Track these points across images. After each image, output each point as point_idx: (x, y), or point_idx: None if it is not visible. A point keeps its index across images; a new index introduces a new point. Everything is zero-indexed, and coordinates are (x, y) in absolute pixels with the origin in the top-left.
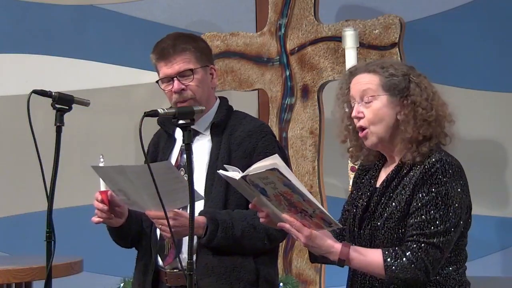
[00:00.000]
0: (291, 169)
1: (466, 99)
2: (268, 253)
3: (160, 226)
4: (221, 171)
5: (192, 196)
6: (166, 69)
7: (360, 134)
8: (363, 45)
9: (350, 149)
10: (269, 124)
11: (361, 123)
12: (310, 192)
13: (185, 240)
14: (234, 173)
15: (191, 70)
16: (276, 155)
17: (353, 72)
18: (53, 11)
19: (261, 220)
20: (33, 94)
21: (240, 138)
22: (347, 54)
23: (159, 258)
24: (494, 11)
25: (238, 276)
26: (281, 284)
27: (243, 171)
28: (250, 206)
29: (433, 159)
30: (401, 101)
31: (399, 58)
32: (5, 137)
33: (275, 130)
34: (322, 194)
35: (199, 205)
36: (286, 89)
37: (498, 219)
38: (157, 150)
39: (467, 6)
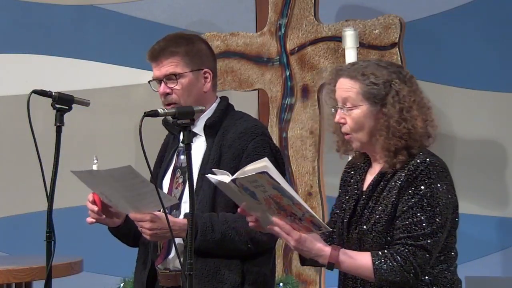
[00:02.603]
0: (290, 169)
1: (466, 99)
2: (261, 253)
3: (141, 228)
4: (209, 175)
5: (192, 197)
6: (155, 71)
7: (345, 137)
8: (363, 45)
9: (338, 142)
10: (269, 124)
11: (343, 129)
12: (310, 192)
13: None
14: (223, 177)
15: (176, 75)
16: (266, 158)
17: (339, 73)
18: (53, 11)
19: (250, 224)
20: (33, 94)
21: (231, 139)
22: (347, 54)
23: None
24: (494, 11)
25: (221, 279)
26: (281, 284)
27: (232, 174)
28: (238, 210)
29: (417, 161)
30: (381, 110)
31: (399, 58)
32: (5, 137)
33: (275, 130)
34: (322, 194)
35: (185, 206)
36: (286, 89)
37: (498, 219)
38: (166, 151)
39: (467, 6)
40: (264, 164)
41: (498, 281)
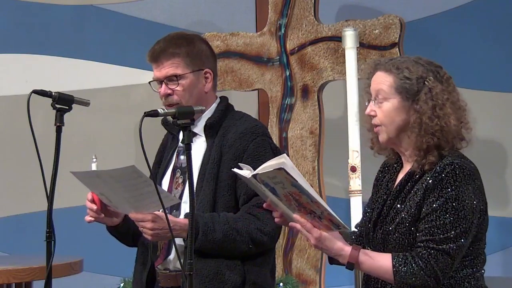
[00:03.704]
0: None
1: (467, 99)
2: (261, 254)
3: (141, 228)
4: (235, 169)
5: (192, 198)
6: (156, 72)
7: (374, 129)
8: (363, 45)
9: (373, 139)
10: (269, 124)
11: (374, 121)
12: None
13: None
14: (245, 172)
15: (177, 76)
16: (285, 154)
17: (376, 67)
18: (53, 11)
19: (276, 220)
20: (33, 94)
21: (232, 140)
22: (347, 54)
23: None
24: (494, 11)
25: (222, 279)
26: (281, 284)
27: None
28: (264, 205)
29: (444, 163)
30: (412, 106)
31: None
32: (5, 137)
33: (275, 130)
34: (322, 194)
35: (186, 206)
36: (286, 89)
37: (498, 219)
38: (164, 151)
39: (467, 6)
40: (282, 160)
41: (498, 281)
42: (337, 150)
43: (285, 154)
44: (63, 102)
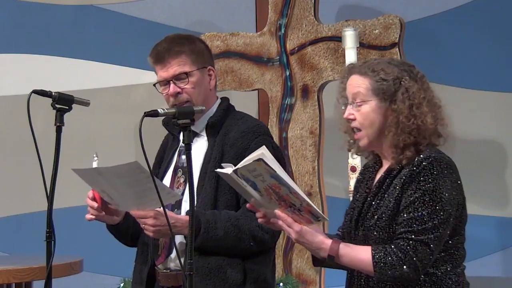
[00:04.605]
0: (290, 169)
1: (466, 99)
2: (262, 252)
3: (143, 225)
4: (218, 170)
5: (192, 196)
6: (162, 73)
7: (355, 136)
8: (363, 45)
9: (349, 141)
10: (269, 124)
11: (353, 124)
12: (310, 192)
13: (177, 241)
14: (227, 169)
15: (186, 73)
16: (264, 146)
17: (351, 70)
18: (53, 11)
19: (259, 220)
20: (33, 94)
21: (234, 139)
22: (347, 54)
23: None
24: (494, 11)
25: (224, 277)
26: (281, 284)
27: None
28: (247, 206)
29: (422, 157)
30: (390, 106)
31: (399, 58)
32: (5, 137)
33: (275, 130)
34: (322, 194)
35: (187, 205)
36: (286, 89)
37: (498, 219)
38: (165, 152)
39: (467, 6)
40: (261, 151)
41: (498, 281)
42: (337, 150)
43: (264, 146)
44: (63, 102)
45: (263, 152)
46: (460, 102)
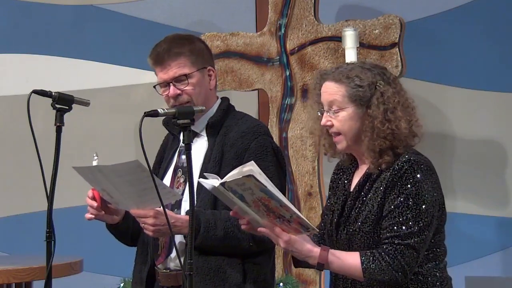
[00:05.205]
0: (290, 169)
1: (466, 99)
2: (262, 253)
3: (143, 224)
4: (201, 180)
5: (192, 196)
6: (162, 75)
7: (334, 139)
8: (363, 45)
9: (324, 145)
10: (269, 124)
11: (332, 130)
12: (310, 192)
13: (176, 240)
14: (213, 181)
15: (186, 75)
16: (252, 161)
17: (323, 77)
18: (53, 11)
19: (243, 227)
20: (33, 94)
21: (234, 139)
22: (347, 54)
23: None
24: (494, 11)
25: (223, 277)
26: (281, 284)
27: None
28: (231, 213)
29: (402, 160)
30: (366, 111)
31: (399, 58)
32: (5, 137)
33: (275, 130)
34: (322, 194)
35: (187, 205)
36: (286, 89)
37: (498, 219)
38: (165, 152)
39: (467, 6)
40: (250, 168)
41: (498, 281)
42: None
43: (252, 161)
44: (63, 102)
45: (252, 168)
46: (460, 102)
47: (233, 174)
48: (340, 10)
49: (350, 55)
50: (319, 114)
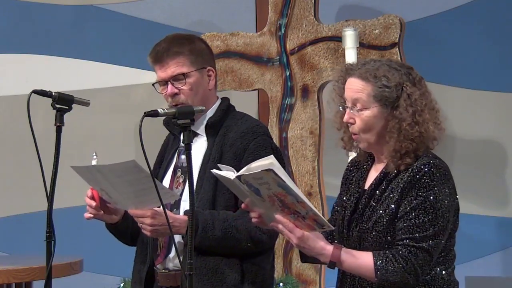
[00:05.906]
0: (290, 169)
1: (466, 99)
2: (260, 253)
3: (141, 224)
4: (214, 170)
5: (192, 196)
6: (161, 73)
7: (353, 137)
8: (363, 45)
9: (344, 138)
10: (269, 124)
11: (351, 129)
12: (310, 192)
13: (176, 241)
14: (228, 173)
15: (184, 74)
16: (272, 155)
17: (349, 72)
18: (53, 11)
19: (253, 220)
20: (33, 94)
21: (233, 139)
22: (347, 54)
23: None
24: (494, 11)
25: (221, 278)
26: (281, 284)
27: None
28: (242, 206)
29: (420, 163)
30: (391, 112)
31: (399, 58)
32: (5, 137)
33: (275, 130)
34: (322, 194)
35: (186, 205)
36: (286, 89)
37: (498, 219)
38: (165, 151)
39: (467, 6)
40: (270, 161)
41: (498, 281)
42: (337, 150)
43: (272, 155)
44: (63, 102)
45: (272, 162)
46: (460, 102)
47: (252, 167)
48: (340, 10)
49: (350, 55)
50: (341, 109)
